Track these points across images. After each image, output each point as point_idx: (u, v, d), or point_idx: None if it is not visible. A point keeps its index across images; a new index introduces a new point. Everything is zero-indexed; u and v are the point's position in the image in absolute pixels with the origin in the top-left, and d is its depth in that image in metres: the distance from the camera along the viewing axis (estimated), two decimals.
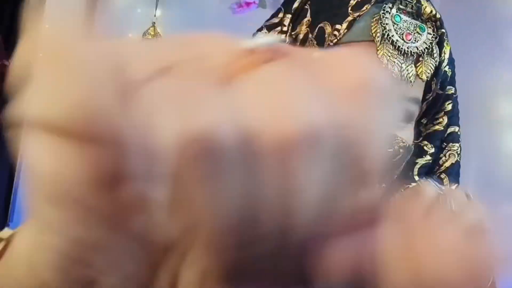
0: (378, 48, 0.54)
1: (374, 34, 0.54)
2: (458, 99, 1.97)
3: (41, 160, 0.16)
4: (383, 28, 0.54)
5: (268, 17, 1.89)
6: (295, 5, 0.62)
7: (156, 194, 0.16)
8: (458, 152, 0.69)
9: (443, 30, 0.60)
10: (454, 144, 0.68)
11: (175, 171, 0.16)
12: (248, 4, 2.11)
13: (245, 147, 0.16)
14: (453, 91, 0.68)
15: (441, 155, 0.66)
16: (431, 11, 0.58)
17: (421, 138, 0.66)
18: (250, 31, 2.08)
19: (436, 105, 0.64)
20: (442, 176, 0.66)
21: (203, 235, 0.18)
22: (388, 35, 0.54)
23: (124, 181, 0.16)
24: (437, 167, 0.66)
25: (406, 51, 0.55)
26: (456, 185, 0.67)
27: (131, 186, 0.16)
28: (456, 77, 1.78)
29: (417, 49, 0.56)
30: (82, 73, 0.16)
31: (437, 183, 0.52)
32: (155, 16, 2.24)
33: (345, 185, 0.19)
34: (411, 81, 0.55)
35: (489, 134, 2.14)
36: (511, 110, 2.16)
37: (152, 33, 2.17)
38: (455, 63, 1.48)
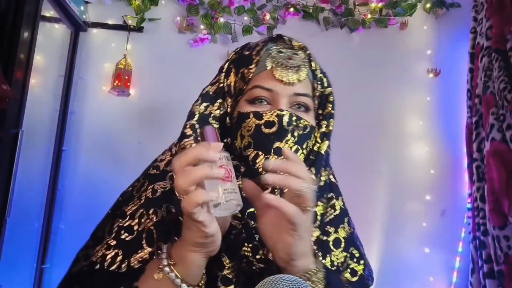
0: (273, 72, 0.83)
1: (269, 65, 0.85)
2: (374, 118, 2.47)
3: None
4: (273, 59, 0.85)
5: (217, 49, 2.46)
6: (225, 68, 0.92)
7: None
8: (332, 125, 0.92)
9: (309, 52, 0.91)
10: (331, 120, 0.92)
11: None
12: (202, 40, 2.42)
13: None
14: (331, 91, 0.94)
15: (328, 127, 0.91)
16: (299, 43, 0.91)
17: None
18: (204, 60, 2.64)
19: (322, 103, 0.92)
20: (324, 137, 0.90)
21: None
22: (278, 62, 0.84)
23: None
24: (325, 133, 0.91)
25: (290, 67, 0.84)
26: (327, 142, 0.91)
27: None
28: (372, 98, 2.37)
29: (296, 64, 0.85)
30: None
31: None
32: (126, 49, 2.45)
33: None
34: (294, 83, 0.84)
35: (399, 144, 2.45)
36: (417, 125, 2.46)
37: (124, 63, 2.38)
38: (375, 88, 2.40)
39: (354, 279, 0.88)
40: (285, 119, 0.82)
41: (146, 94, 2.48)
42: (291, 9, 2.53)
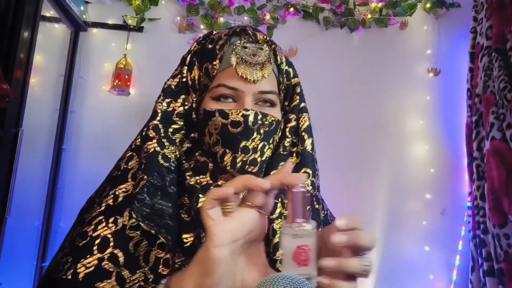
0: (237, 70, 0.81)
1: (233, 62, 0.82)
2: (375, 117, 2.46)
3: None
4: (237, 55, 0.82)
5: None
6: (188, 60, 0.89)
7: None
8: (308, 119, 0.91)
9: (274, 46, 0.87)
10: (305, 114, 0.91)
11: None
12: None
13: None
14: (298, 81, 0.92)
15: (299, 121, 0.90)
16: (264, 37, 0.87)
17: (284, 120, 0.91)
18: None
19: (288, 95, 0.90)
20: (303, 133, 0.89)
21: None
22: (242, 58, 0.81)
23: None
24: (300, 128, 0.90)
25: (254, 64, 0.82)
26: (311, 139, 0.90)
27: None
28: (372, 98, 2.63)
29: (261, 60, 0.83)
30: None
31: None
32: (126, 49, 2.47)
33: None
34: (258, 81, 0.81)
35: (399, 143, 2.46)
36: (417, 124, 2.47)
37: (124, 62, 2.39)
38: (375, 88, 2.43)
39: None
40: (250, 119, 0.81)
41: (146, 94, 2.48)
42: (291, 9, 2.53)
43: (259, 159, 0.83)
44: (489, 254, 1.97)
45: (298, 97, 0.91)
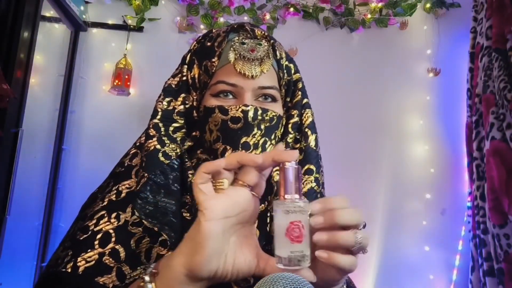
0: (236, 66, 0.81)
1: (231, 58, 0.82)
2: (375, 117, 2.44)
3: None
4: (235, 51, 0.82)
5: None
6: (188, 59, 0.89)
7: None
8: (311, 115, 0.90)
9: (273, 41, 0.87)
10: (308, 110, 0.90)
11: None
12: None
13: None
14: (299, 77, 0.92)
15: (302, 117, 0.89)
16: (262, 32, 0.87)
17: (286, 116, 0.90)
18: None
19: (289, 91, 0.89)
20: (306, 130, 0.88)
21: None
22: (241, 54, 0.82)
23: None
24: (303, 125, 0.89)
25: (253, 59, 0.82)
26: (315, 135, 0.88)
27: None
28: (372, 98, 2.62)
29: (260, 56, 0.82)
30: None
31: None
32: (126, 49, 2.47)
33: None
34: (257, 76, 0.81)
35: (399, 143, 2.46)
36: (417, 124, 2.47)
37: (124, 62, 2.39)
38: (375, 88, 2.47)
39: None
40: (250, 114, 0.80)
41: (146, 94, 2.48)
42: (291, 9, 2.53)
43: None
44: (489, 254, 1.97)
45: (300, 92, 0.91)
